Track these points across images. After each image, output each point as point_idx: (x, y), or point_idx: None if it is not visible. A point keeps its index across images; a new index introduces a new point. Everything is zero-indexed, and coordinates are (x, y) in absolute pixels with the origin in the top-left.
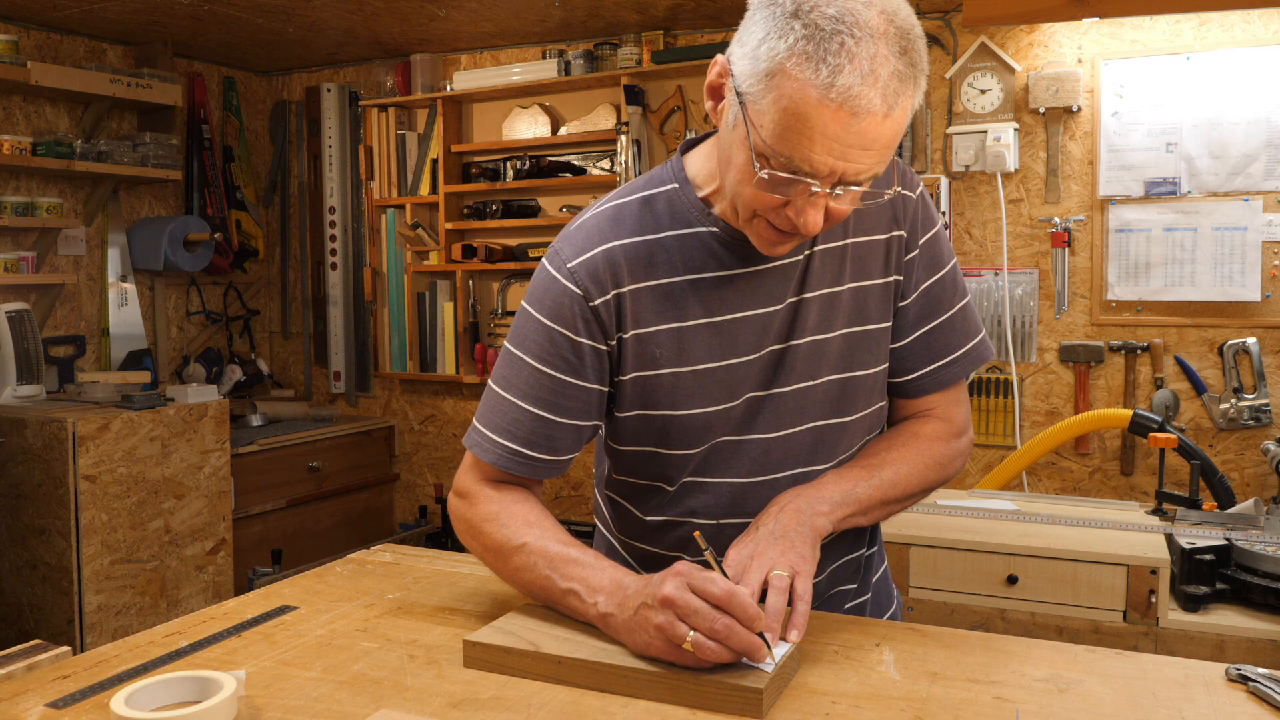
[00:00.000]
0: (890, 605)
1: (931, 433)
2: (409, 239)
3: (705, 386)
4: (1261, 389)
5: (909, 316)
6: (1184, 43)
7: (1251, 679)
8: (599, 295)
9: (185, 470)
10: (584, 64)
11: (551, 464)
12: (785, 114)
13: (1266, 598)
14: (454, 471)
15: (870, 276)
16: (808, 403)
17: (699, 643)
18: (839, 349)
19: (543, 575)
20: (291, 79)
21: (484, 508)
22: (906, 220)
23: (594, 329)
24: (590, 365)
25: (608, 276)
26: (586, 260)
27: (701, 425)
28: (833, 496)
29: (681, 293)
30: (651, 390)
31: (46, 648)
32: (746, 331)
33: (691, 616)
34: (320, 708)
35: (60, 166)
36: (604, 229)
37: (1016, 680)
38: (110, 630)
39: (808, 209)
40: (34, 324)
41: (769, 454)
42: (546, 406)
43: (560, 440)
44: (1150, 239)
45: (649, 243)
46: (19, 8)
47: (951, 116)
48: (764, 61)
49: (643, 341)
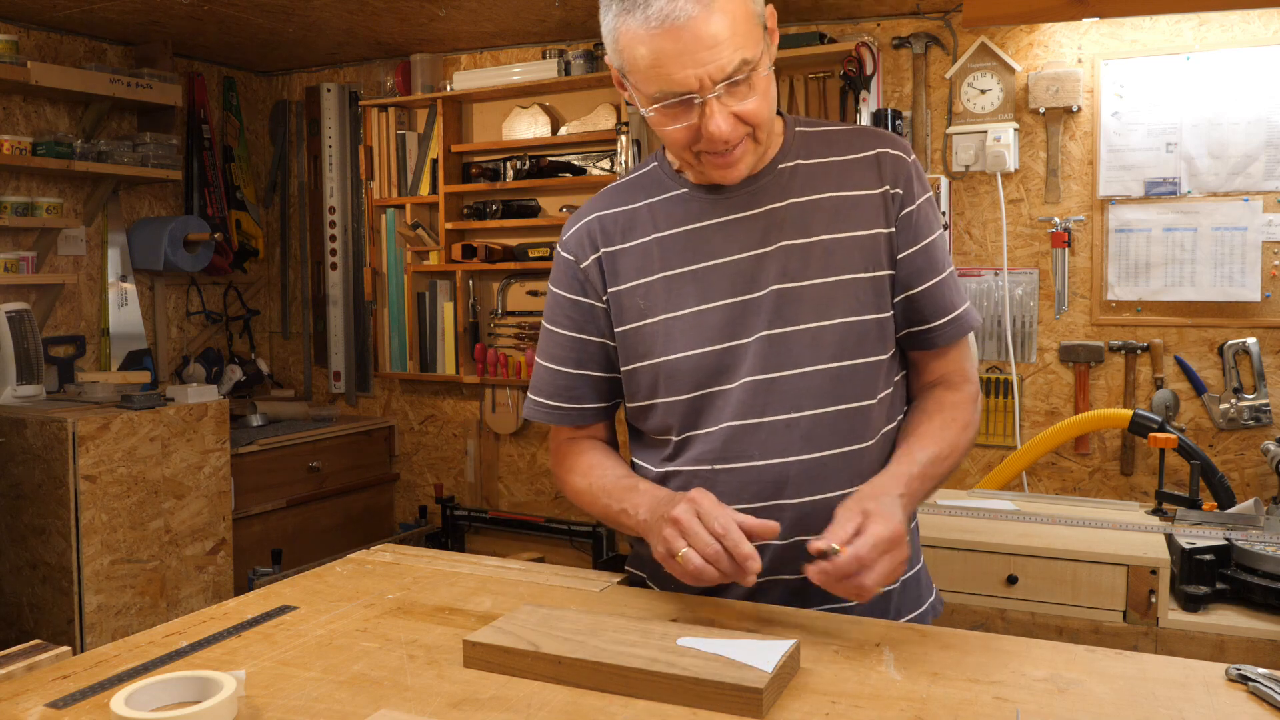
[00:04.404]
0: (916, 608)
1: (960, 398)
2: (409, 239)
3: (687, 332)
4: (1261, 389)
5: (910, 270)
6: (1184, 43)
7: (1251, 679)
8: (586, 258)
9: (185, 470)
10: (584, 64)
11: (580, 411)
12: (636, 60)
13: (1266, 598)
14: (453, 471)
15: (856, 228)
16: (793, 347)
17: (688, 557)
18: (819, 296)
19: (603, 505)
20: (291, 79)
21: (562, 462)
22: (901, 179)
23: (587, 288)
24: (589, 320)
25: (590, 242)
26: (575, 232)
27: (689, 370)
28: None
29: (660, 248)
30: (644, 340)
31: (46, 648)
32: (724, 278)
33: (690, 536)
34: (320, 708)
35: (60, 166)
36: (592, 205)
37: (1016, 680)
38: (110, 630)
39: (708, 120)
40: (34, 324)
41: (756, 396)
42: (562, 362)
43: (579, 390)
44: (1150, 239)
45: (628, 211)
46: (19, 8)
47: (951, 116)
48: (609, 37)
49: (628, 295)
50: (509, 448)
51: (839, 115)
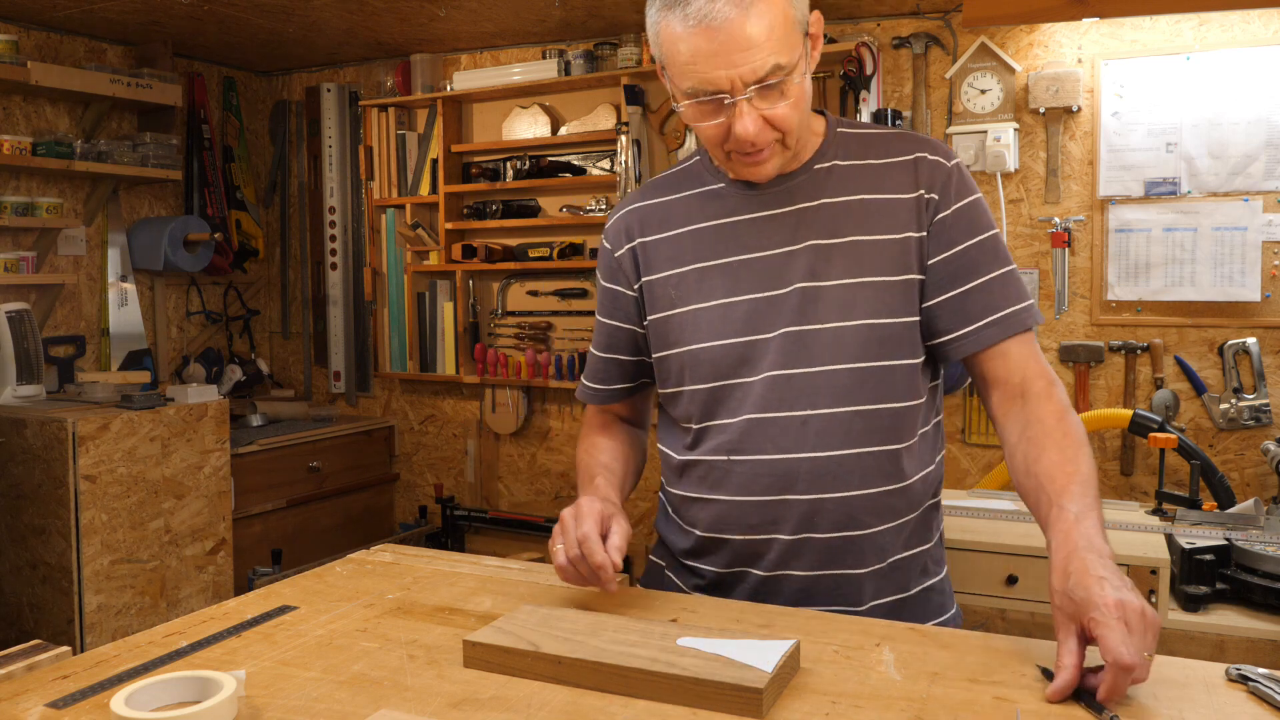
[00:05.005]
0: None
1: (1059, 410)
2: (409, 239)
3: (713, 323)
4: (1261, 389)
5: (942, 275)
6: (1184, 43)
7: (1251, 679)
8: (621, 248)
9: (185, 470)
10: (584, 64)
11: (606, 392)
12: (673, 56)
13: (1266, 598)
14: (453, 471)
15: (886, 231)
16: (814, 345)
17: (556, 554)
18: (843, 296)
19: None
20: (291, 79)
21: (581, 436)
22: (938, 184)
23: (619, 276)
24: (622, 308)
25: (626, 232)
26: (614, 222)
27: (711, 360)
28: (1101, 540)
29: (694, 240)
30: (673, 329)
31: (46, 648)
32: (752, 273)
33: (563, 535)
34: (320, 708)
35: (60, 166)
36: (635, 197)
37: (1016, 680)
38: (110, 630)
39: (737, 121)
40: (34, 324)
41: (775, 391)
42: (599, 346)
43: (607, 372)
44: (1150, 239)
45: (666, 203)
46: (19, 8)
47: (951, 116)
48: (652, 30)
49: (660, 285)
50: (509, 448)
51: (838, 115)
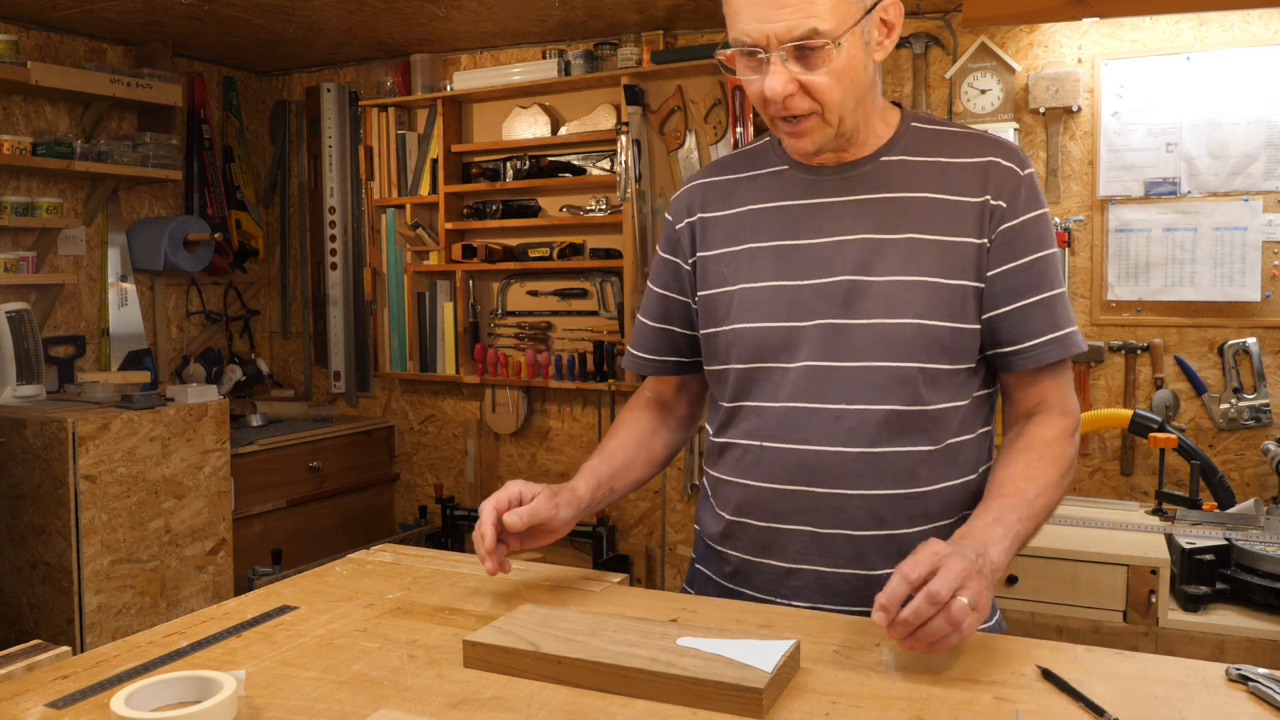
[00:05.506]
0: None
1: (1054, 435)
2: (409, 239)
3: (759, 305)
4: (1261, 389)
5: (1007, 285)
6: (1184, 43)
7: (1251, 679)
8: (681, 221)
9: (185, 470)
10: (584, 64)
11: (656, 363)
12: (729, 4)
13: (1266, 598)
14: (453, 471)
15: (945, 233)
16: (857, 339)
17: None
18: (890, 293)
19: None
20: (291, 79)
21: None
22: (1007, 192)
23: (678, 249)
24: (674, 279)
25: (688, 207)
26: (679, 196)
27: (748, 341)
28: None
29: (752, 220)
30: (720, 306)
31: (46, 648)
32: (804, 259)
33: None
34: (320, 708)
35: (60, 166)
36: (702, 173)
37: (1016, 680)
38: (110, 630)
39: (765, 77)
40: (34, 324)
41: (813, 382)
42: (648, 315)
43: (654, 341)
44: (1150, 239)
45: (730, 180)
46: (19, 8)
47: (951, 116)
48: None
49: (714, 262)
50: (509, 448)
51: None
